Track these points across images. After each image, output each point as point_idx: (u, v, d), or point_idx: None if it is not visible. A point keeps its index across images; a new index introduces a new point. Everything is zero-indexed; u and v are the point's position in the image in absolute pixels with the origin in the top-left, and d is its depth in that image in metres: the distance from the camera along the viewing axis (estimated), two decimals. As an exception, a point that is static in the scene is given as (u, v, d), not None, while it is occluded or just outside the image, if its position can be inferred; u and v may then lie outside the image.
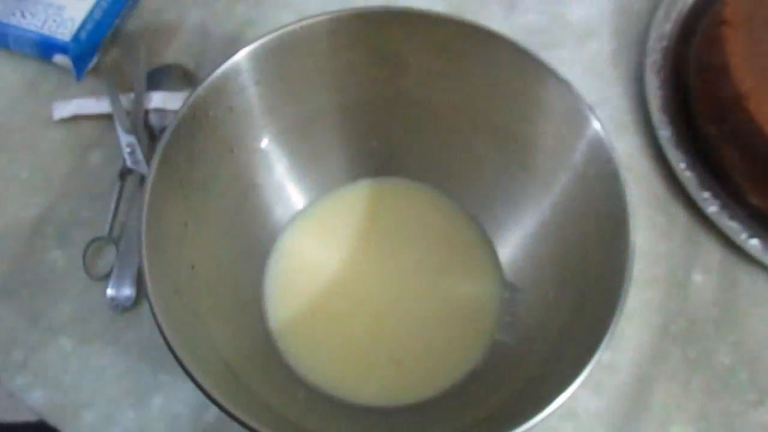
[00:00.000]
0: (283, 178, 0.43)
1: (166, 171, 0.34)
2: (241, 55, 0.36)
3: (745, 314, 0.44)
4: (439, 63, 0.39)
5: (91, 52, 0.50)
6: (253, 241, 0.42)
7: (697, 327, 0.43)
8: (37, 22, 0.49)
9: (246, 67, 0.37)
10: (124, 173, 0.46)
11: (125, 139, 0.46)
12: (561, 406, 0.30)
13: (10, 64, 0.51)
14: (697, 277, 0.45)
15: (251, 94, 0.38)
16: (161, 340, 0.31)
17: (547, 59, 0.37)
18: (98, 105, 0.48)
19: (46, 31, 0.49)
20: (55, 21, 0.49)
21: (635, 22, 0.53)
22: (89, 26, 0.49)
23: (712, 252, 0.45)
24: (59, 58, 0.49)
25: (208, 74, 0.36)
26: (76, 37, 0.48)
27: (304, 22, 0.37)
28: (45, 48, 0.49)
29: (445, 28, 0.38)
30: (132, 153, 0.46)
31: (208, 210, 0.38)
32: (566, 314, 0.36)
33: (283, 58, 0.38)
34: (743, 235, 0.44)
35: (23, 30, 0.49)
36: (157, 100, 0.48)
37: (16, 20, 0.49)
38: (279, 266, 0.42)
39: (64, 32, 0.48)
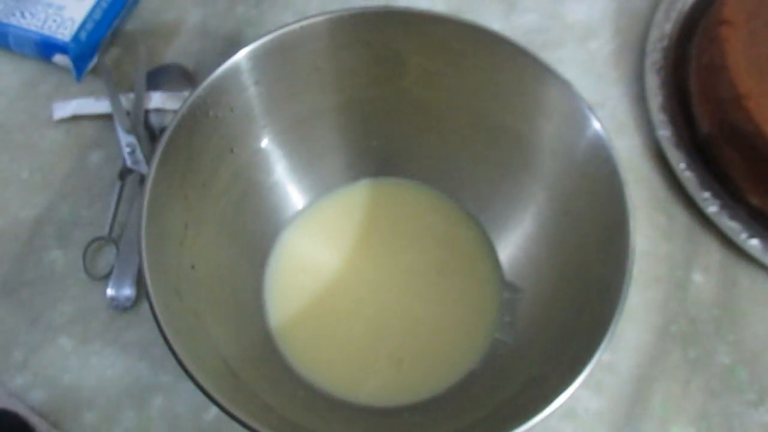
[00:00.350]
0: (283, 178, 0.43)
1: (166, 171, 0.34)
2: (241, 55, 0.36)
3: (746, 314, 0.44)
4: (439, 63, 0.39)
5: (91, 52, 0.50)
6: (253, 241, 0.42)
7: (698, 327, 0.43)
8: (37, 21, 0.49)
9: (246, 67, 0.37)
10: (124, 173, 0.46)
11: (125, 139, 0.46)
12: (561, 406, 0.30)
13: (10, 64, 0.51)
14: (698, 277, 0.45)
15: (251, 94, 0.38)
16: (161, 340, 0.31)
17: (547, 59, 0.37)
18: (98, 105, 0.48)
19: (46, 31, 0.49)
20: (55, 21, 0.49)
21: (635, 22, 0.53)
22: (89, 26, 0.49)
23: (712, 252, 0.45)
24: (59, 58, 0.49)
25: (208, 74, 0.36)
26: (75, 37, 0.48)
27: (304, 22, 0.37)
28: (45, 48, 0.49)
29: (445, 28, 0.38)
30: (132, 153, 0.46)
31: (208, 210, 0.38)
32: (566, 314, 0.36)
33: (283, 58, 0.38)
34: (743, 235, 0.44)
35: (23, 30, 0.49)
36: (157, 100, 0.48)
37: (15, 20, 0.49)
38: (279, 266, 0.42)
39: (64, 32, 0.49)
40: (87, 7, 0.50)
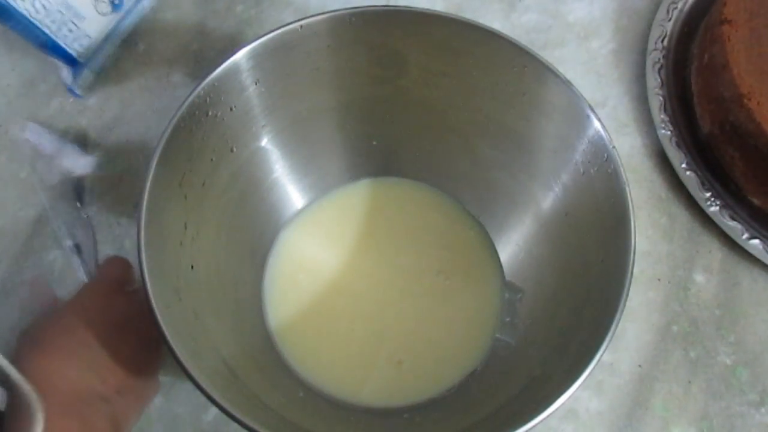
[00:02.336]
0: (283, 178, 0.43)
1: (166, 171, 0.34)
2: (241, 54, 0.36)
3: (747, 314, 0.44)
4: (439, 63, 0.39)
5: (99, 62, 0.49)
6: (252, 240, 0.42)
7: (699, 327, 0.43)
8: (49, 21, 0.44)
9: (246, 67, 0.37)
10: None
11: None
12: (562, 407, 0.30)
13: (9, 63, 0.51)
14: (699, 278, 0.45)
15: (251, 93, 0.38)
16: (160, 340, 0.31)
17: (547, 59, 0.36)
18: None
19: (60, 40, 0.46)
20: (71, 31, 0.46)
21: (636, 22, 0.52)
22: (104, 44, 0.48)
23: (713, 252, 0.45)
24: (65, 74, 0.48)
25: (208, 73, 0.36)
26: (90, 58, 0.47)
27: (303, 22, 0.37)
28: (50, 50, 0.47)
29: (445, 27, 0.38)
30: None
31: (207, 210, 0.38)
32: (567, 314, 0.36)
33: (283, 57, 0.38)
34: (744, 236, 0.44)
35: (31, 23, 0.44)
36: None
37: (24, 7, 0.43)
38: (279, 266, 0.42)
39: (80, 49, 0.47)
40: (107, 25, 0.47)
